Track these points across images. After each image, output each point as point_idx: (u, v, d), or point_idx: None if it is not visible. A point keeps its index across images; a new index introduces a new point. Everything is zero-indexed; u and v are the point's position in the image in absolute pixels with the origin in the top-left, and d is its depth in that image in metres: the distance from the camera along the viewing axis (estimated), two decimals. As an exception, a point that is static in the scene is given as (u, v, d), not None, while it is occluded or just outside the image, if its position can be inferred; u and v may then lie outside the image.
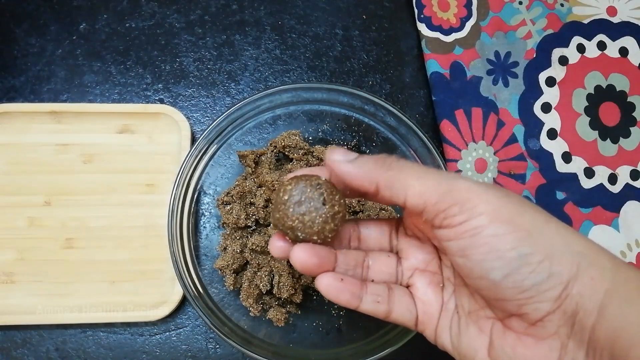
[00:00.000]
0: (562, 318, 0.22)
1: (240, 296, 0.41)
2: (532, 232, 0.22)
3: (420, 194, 0.23)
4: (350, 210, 0.44)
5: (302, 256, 0.26)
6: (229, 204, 0.44)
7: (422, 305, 0.28)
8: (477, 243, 0.22)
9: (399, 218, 0.31)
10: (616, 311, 0.21)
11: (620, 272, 0.22)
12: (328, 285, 0.26)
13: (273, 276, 0.41)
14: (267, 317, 0.42)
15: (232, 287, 0.41)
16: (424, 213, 0.24)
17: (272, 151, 0.45)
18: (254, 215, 0.42)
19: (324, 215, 0.25)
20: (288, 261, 0.41)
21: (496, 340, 0.24)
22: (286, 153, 0.45)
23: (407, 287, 0.29)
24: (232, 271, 0.41)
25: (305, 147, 0.45)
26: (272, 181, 0.41)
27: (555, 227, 0.23)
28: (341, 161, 0.25)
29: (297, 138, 0.44)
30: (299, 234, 0.26)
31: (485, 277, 0.23)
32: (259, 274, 0.41)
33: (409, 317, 0.27)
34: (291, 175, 0.27)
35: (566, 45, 0.53)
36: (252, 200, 0.42)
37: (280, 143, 0.44)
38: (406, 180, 0.24)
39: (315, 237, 0.26)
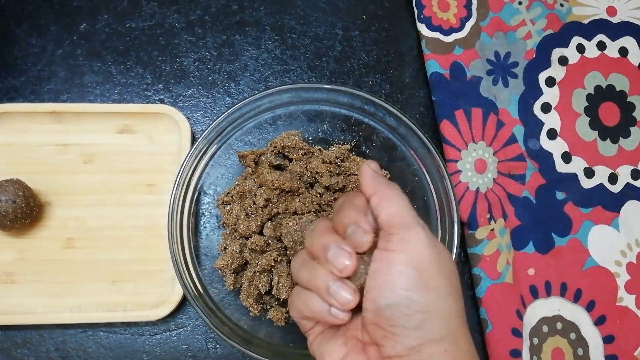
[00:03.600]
0: None
1: (240, 296, 0.41)
2: (430, 290, 0.26)
3: (389, 214, 0.28)
4: None
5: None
6: (229, 204, 0.44)
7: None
8: (386, 271, 0.27)
9: None
10: None
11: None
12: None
13: (272, 277, 0.41)
14: (267, 317, 0.42)
15: (232, 287, 0.41)
16: (382, 230, 0.28)
17: (272, 151, 0.45)
18: (256, 220, 0.42)
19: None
20: (287, 262, 0.42)
21: (351, 356, 0.28)
22: (286, 153, 0.45)
23: None
24: (232, 271, 0.41)
25: (305, 147, 0.45)
26: (272, 180, 0.41)
27: (451, 301, 0.27)
28: (371, 167, 0.31)
29: (296, 138, 0.44)
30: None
31: (375, 300, 0.27)
32: (258, 275, 0.41)
33: (308, 323, 0.32)
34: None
35: (566, 45, 0.53)
36: (253, 200, 0.43)
37: (279, 143, 0.44)
38: (391, 201, 0.29)
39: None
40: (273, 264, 0.41)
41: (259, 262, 0.41)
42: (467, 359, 0.27)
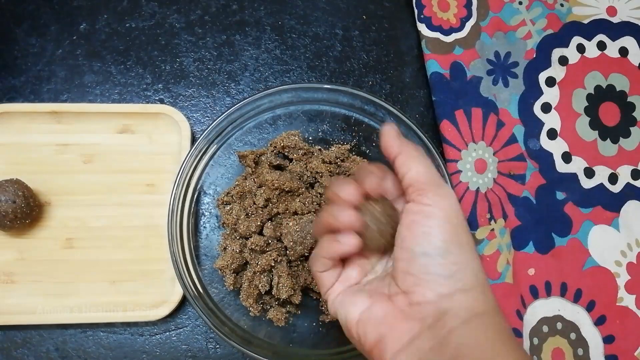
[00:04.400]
0: (435, 311, 0.27)
1: (240, 296, 0.41)
2: (463, 245, 0.28)
3: (419, 172, 0.29)
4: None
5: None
6: (229, 204, 0.44)
7: (342, 277, 0.33)
8: (423, 223, 0.28)
9: None
10: (476, 328, 0.26)
11: (496, 313, 0.28)
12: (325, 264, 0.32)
13: (272, 277, 0.41)
14: (267, 317, 0.42)
15: (232, 287, 0.41)
16: (410, 186, 0.29)
17: (272, 151, 0.45)
18: (256, 220, 0.42)
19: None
20: (288, 262, 0.42)
21: (375, 306, 0.29)
22: (286, 153, 0.45)
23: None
24: (231, 271, 0.41)
25: (305, 147, 0.45)
26: (272, 180, 0.41)
27: (476, 256, 0.29)
28: (393, 128, 0.32)
29: (296, 138, 0.44)
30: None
31: (410, 249, 0.28)
32: (258, 275, 0.41)
33: (327, 282, 0.32)
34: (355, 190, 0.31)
35: (566, 45, 0.53)
36: (253, 200, 0.43)
37: (279, 143, 0.44)
38: (418, 160, 0.30)
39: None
40: (273, 264, 0.41)
41: (259, 262, 0.41)
42: (493, 310, 0.27)
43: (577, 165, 0.50)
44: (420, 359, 0.26)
